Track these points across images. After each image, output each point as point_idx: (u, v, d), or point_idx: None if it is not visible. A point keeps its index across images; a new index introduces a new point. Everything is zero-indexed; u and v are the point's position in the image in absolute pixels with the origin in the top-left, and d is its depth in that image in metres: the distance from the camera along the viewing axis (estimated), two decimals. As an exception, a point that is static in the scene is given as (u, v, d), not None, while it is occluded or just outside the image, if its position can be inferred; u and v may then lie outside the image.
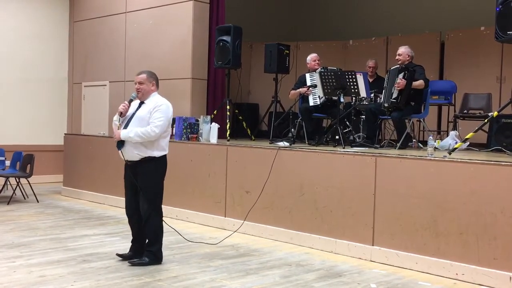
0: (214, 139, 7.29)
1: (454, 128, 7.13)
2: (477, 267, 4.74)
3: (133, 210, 5.08)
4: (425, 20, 9.79)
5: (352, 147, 6.25)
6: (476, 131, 5.51)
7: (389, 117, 6.67)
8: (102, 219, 7.29)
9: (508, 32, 5.25)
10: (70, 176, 9.37)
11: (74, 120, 10.25)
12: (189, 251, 5.59)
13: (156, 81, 5.09)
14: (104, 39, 9.53)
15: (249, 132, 8.18)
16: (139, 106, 5.00)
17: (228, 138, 7.60)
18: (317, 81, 6.92)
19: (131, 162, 4.96)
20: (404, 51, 6.63)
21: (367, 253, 5.47)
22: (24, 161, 8.55)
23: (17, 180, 8.52)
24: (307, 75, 7.44)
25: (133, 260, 5.00)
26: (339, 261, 5.39)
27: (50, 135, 10.59)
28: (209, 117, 7.60)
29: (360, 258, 5.49)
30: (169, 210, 6.93)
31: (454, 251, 4.89)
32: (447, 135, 6.71)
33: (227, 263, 5.17)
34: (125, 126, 4.91)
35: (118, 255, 5.15)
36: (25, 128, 10.41)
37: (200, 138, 7.45)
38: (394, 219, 5.30)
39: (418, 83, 6.41)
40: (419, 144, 6.89)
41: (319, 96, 7.11)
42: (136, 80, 5.01)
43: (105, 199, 8.51)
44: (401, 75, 6.36)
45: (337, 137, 6.41)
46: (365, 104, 6.90)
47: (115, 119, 5.01)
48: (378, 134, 7.22)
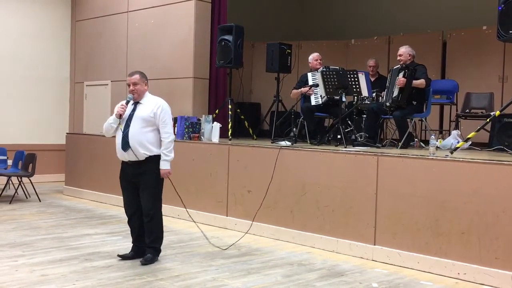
0: (216, 139, 7.29)
1: (456, 128, 7.12)
2: (479, 267, 4.73)
3: (134, 210, 5.09)
4: (427, 20, 9.78)
5: (354, 147, 6.25)
6: (478, 131, 5.50)
7: (391, 117, 6.66)
8: (104, 218, 7.29)
9: (510, 31, 5.23)
10: (72, 175, 9.39)
11: (76, 120, 10.26)
12: (191, 250, 5.59)
13: (147, 80, 5.15)
14: (106, 39, 9.54)
15: (251, 132, 8.18)
16: (135, 106, 5.03)
17: (230, 138, 7.60)
18: (319, 81, 6.92)
19: (133, 162, 4.97)
20: (405, 51, 6.63)
21: (369, 253, 5.47)
22: (26, 160, 8.56)
23: (19, 179, 8.53)
24: (309, 74, 7.43)
25: (144, 260, 4.99)
26: (341, 261, 5.39)
27: (52, 135, 10.61)
28: (211, 117, 7.60)
29: (362, 258, 5.49)
30: (171, 210, 6.93)
31: (456, 251, 4.88)
32: (449, 135, 6.70)
33: (229, 263, 5.17)
34: (125, 127, 4.95)
35: (119, 256, 5.16)
36: (27, 128, 10.42)
37: (202, 138, 7.45)
38: (396, 219, 5.29)
39: (419, 82, 6.41)
40: (421, 144, 6.88)
41: (321, 96, 7.11)
42: (130, 81, 5.03)
43: (107, 198, 8.52)
44: (401, 74, 6.37)
45: (339, 137, 6.41)
46: (367, 104, 6.89)
47: (112, 122, 5.03)
48: (380, 134, 7.21)
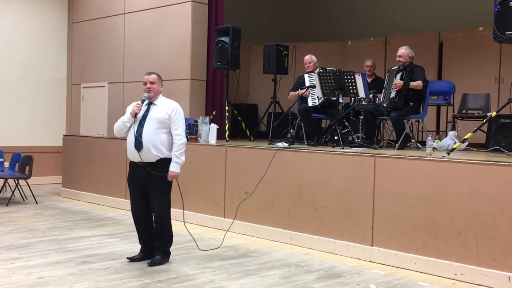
0: (213, 140, 7.29)
1: (453, 128, 7.14)
2: (476, 267, 4.74)
3: (143, 212, 5.10)
4: (424, 21, 9.80)
5: (351, 148, 6.25)
6: (475, 131, 5.52)
7: (388, 118, 6.67)
8: (101, 220, 7.28)
9: (507, 33, 5.25)
10: (69, 177, 9.37)
11: (73, 121, 10.24)
12: (188, 252, 5.59)
13: (162, 82, 5.20)
14: (103, 40, 9.53)
15: (248, 133, 8.18)
16: (149, 107, 5.03)
17: (227, 139, 7.61)
18: (316, 82, 6.93)
19: (144, 164, 4.95)
20: (405, 53, 6.61)
21: (366, 254, 5.47)
22: (23, 163, 8.55)
23: (16, 182, 8.51)
24: (306, 76, 7.44)
25: (152, 262, 5.00)
26: (338, 262, 5.40)
27: (49, 137, 10.59)
28: (208, 118, 7.60)
29: (359, 259, 5.49)
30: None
31: (453, 251, 4.89)
32: (446, 135, 6.71)
33: (227, 264, 5.17)
34: (139, 127, 4.93)
35: (128, 258, 5.15)
36: (24, 130, 10.41)
37: (199, 139, 7.46)
38: (393, 220, 5.30)
39: (416, 84, 6.42)
40: (418, 145, 6.89)
41: (318, 97, 7.12)
42: (148, 80, 5.05)
43: (104, 200, 8.51)
44: (399, 76, 6.38)
45: (336, 138, 6.42)
46: (364, 105, 6.91)
47: (126, 121, 5.00)
48: (377, 135, 7.22)
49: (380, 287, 4.61)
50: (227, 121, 7.76)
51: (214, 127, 7.35)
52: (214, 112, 8.04)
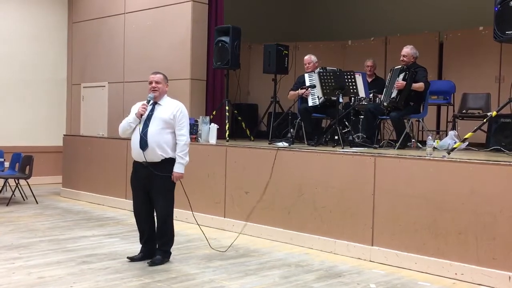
0: (213, 140, 7.29)
1: (453, 128, 7.13)
2: (476, 267, 4.74)
3: (145, 212, 5.09)
4: (424, 20, 9.79)
5: (351, 147, 6.25)
6: (475, 131, 5.51)
7: (388, 117, 6.67)
8: (101, 220, 7.28)
9: (507, 32, 5.25)
10: (69, 177, 9.37)
11: (73, 121, 10.24)
12: (188, 252, 5.58)
13: (168, 82, 5.21)
14: (103, 40, 9.53)
15: (248, 133, 8.18)
16: (153, 107, 5.03)
17: (227, 139, 7.60)
18: (316, 81, 6.93)
19: (149, 163, 4.94)
20: (410, 53, 6.55)
21: (367, 253, 5.47)
22: (23, 162, 8.55)
23: (16, 182, 8.51)
24: (306, 76, 7.44)
25: (152, 262, 4.99)
26: (339, 262, 5.39)
27: (49, 136, 10.59)
28: (208, 118, 7.60)
29: (360, 258, 5.49)
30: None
31: (454, 251, 4.89)
32: (446, 135, 6.71)
33: (227, 264, 5.17)
34: (144, 127, 4.92)
35: (129, 258, 5.15)
36: (24, 129, 10.40)
37: (199, 139, 7.45)
38: (393, 219, 5.30)
39: (418, 86, 6.39)
40: (418, 144, 6.89)
41: (318, 97, 7.11)
42: (153, 80, 5.05)
43: (104, 200, 8.51)
44: (402, 76, 6.35)
45: (336, 137, 6.41)
46: (364, 104, 6.90)
47: (132, 121, 5.00)
48: (377, 134, 7.22)
49: (381, 287, 4.60)
50: (227, 121, 7.76)
51: (214, 127, 7.35)
52: (214, 112, 8.04)
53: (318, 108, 7.25)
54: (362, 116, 7.04)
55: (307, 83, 7.33)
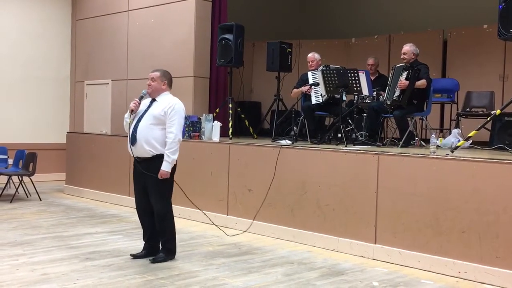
0: (216, 138, 7.29)
1: (457, 126, 7.11)
2: (480, 265, 4.73)
3: (144, 208, 5.10)
4: (428, 18, 9.77)
5: (355, 145, 6.25)
6: (479, 129, 5.50)
7: (392, 115, 6.66)
8: (105, 217, 7.30)
9: (511, 30, 5.23)
10: (73, 175, 9.39)
11: (77, 119, 10.26)
12: (191, 249, 5.59)
13: (169, 81, 5.16)
14: (107, 38, 9.54)
15: (251, 131, 8.18)
16: (151, 104, 5.05)
17: (230, 137, 7.60)
18: (320, 79, 6.92)
19: (141, 159, 4.96)
20: (409, 50, 6.56)
21: (370, 251, 5.47)
22: (27, 160, 8.57)
23: (20, 178, 8.53)
24: (309, 73, 7.43)
25: (154, 260, 5.01)
26: (341, 259, 5.39)
27: (53, 134, 10.62)
28: (211, 116, 7.60)
29: (363, 256, 5.49)
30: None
31: (457, 249, 4.88)
32: (450, 133, 6.69)
33: (230, 261, 5.17)
34: (137, 123, 4.95)
35: (132, 255, 5.16)
36: (28, 127, 10.43)
37: (202, 137, 7.46)
38: (396, 217, 5.29)
39: (421, 83, 6.38)
40: (422, 142, 6.87)
41: (321, 94, 7.11)
42: (149, 76, 5.09)
43: (108, 197, 8.53)
44: (405, 75, 6.33)
45: (339, 135, 6.41)
46: (368, 102, 6.89)
47: (126, 117, 5.06)
48: (381, 132, 7.20)
49: (383, 285, 4.60)
50: (230, 119, 7.76)
51: (218, 125, 7.35)
52: (218, 110, 8.04)
53: (322, 106, 7.24)
54: (366, 114, 7.03)
55: (311, 81, 7.32)
